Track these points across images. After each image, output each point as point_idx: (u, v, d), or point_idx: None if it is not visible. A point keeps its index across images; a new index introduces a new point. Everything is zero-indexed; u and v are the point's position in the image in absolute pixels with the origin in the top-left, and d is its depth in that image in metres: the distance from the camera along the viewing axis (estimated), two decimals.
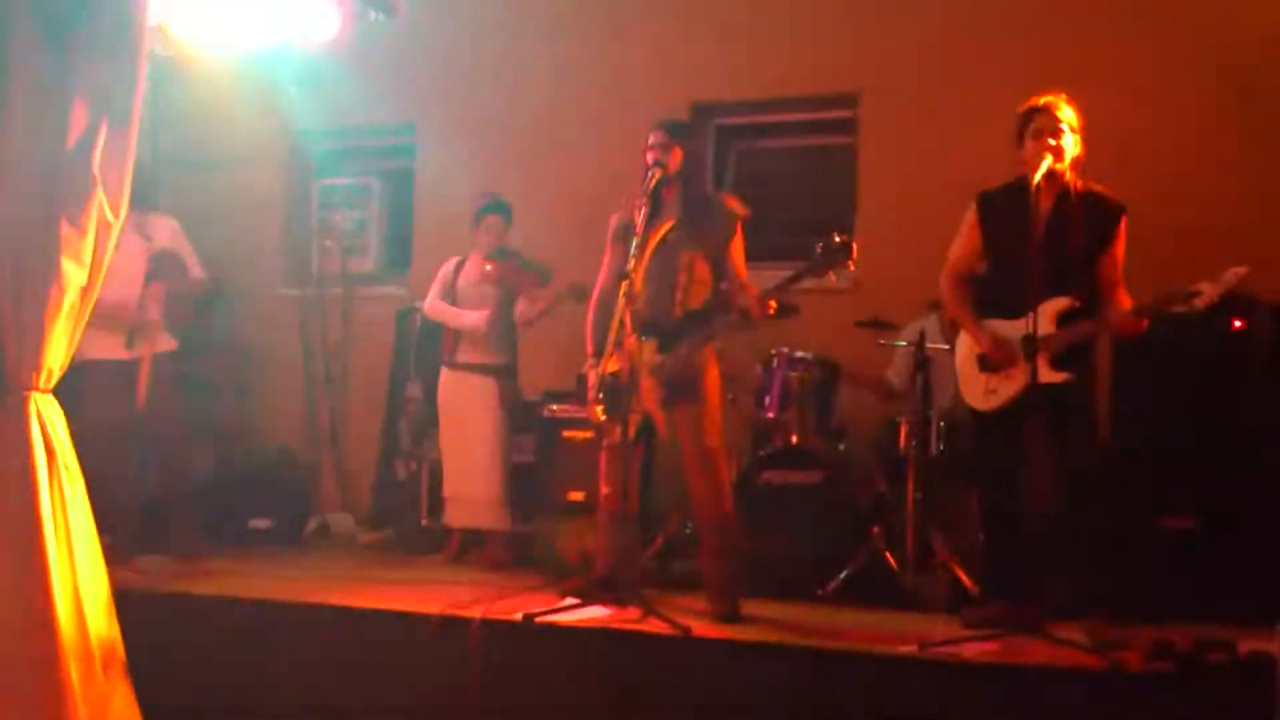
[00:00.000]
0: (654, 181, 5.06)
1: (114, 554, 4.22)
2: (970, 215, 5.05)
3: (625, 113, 7.35)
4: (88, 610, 3.73)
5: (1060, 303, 4.75)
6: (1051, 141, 4.76)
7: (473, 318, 6.57)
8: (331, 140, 8.77)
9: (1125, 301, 4.80)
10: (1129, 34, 6.73)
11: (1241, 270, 4.46)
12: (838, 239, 4.76)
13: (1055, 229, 4.75)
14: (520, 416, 6.72)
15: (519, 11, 8.14)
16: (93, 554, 3.83)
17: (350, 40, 6.66)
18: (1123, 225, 4.85)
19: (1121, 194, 4.90)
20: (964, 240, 5.08)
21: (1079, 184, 4.86)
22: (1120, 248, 4.86)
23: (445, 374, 6.70)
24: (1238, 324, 5.26)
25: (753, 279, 5.14)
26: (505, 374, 6.66)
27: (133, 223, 6.11)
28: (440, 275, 6.79)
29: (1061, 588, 4.74)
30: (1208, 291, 4.49)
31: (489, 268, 6.54)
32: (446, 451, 6.68)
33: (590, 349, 5.23)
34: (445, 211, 7.59)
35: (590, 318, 5.31)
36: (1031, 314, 4.51)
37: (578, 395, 6.17)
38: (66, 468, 3.77)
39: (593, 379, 5.08)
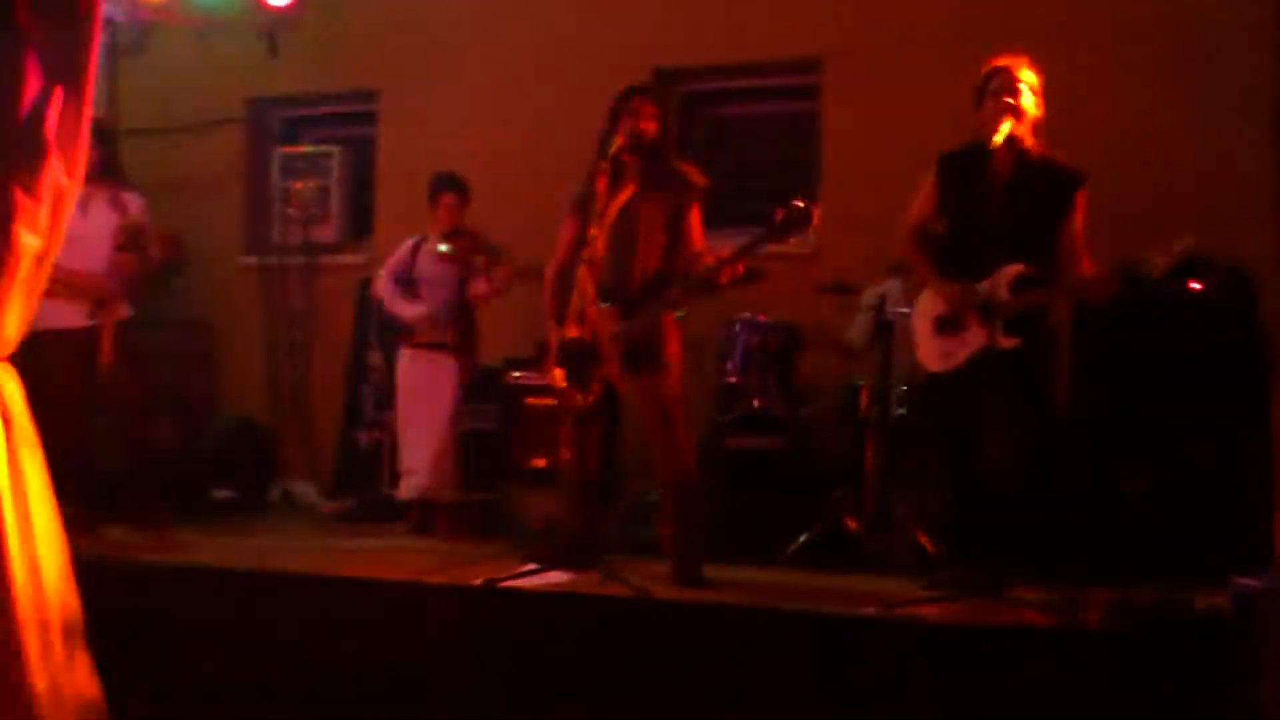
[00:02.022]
0: (617, 147, 5.04)
1: (75, 524, 4.19)
2: (929, 175, 5.03)
3: (588, 78, 7.27)
4: (46, 580, 3.70)
5: (1015, 268, 4.74)
6: (1009, 101, 4.71)
7: (411, 310, 6.61)
8: (292, 107, 8.70)
9: (1088, 269, 4.77)
10: None
11: (1190, 239, 4.49)
12: (799, 204, 4.76)
13: (1013, 194, 4.71)
14: (481, 385, 6.71)
15: None
16: (51, 524, 3.78)
17: (312, 5, 6.61)
18: (1082, 195, 4.81)
19: (1079, 155, 4.88)
20: (922, 200, 5.05)
21: (1038, 149, 4.83)
22: (1079, 217, 4.83)
23: (405, 351, 6.70)
24: (1195, 286, 5.29)
25: (717, 245, 5.13)
26: (464, 351, 6.66)
27: (106, 196, 6.13)
28: (397, 255, 6.78)
29: (1021, 550, 4.79)
30: (1157, 261, 4.50)
31: (445, 248, 6.54)
32: (403, 427, 6.66)
33: (552, 315, 5.22)
34: (407, 180, 7.53)
35: (550, 284, 5.29)
36: (992, 277, 4.53)
37: (539, 362, 6.17)
38: (23, 437, 3.73)
39: (554, 345, 5.08)
